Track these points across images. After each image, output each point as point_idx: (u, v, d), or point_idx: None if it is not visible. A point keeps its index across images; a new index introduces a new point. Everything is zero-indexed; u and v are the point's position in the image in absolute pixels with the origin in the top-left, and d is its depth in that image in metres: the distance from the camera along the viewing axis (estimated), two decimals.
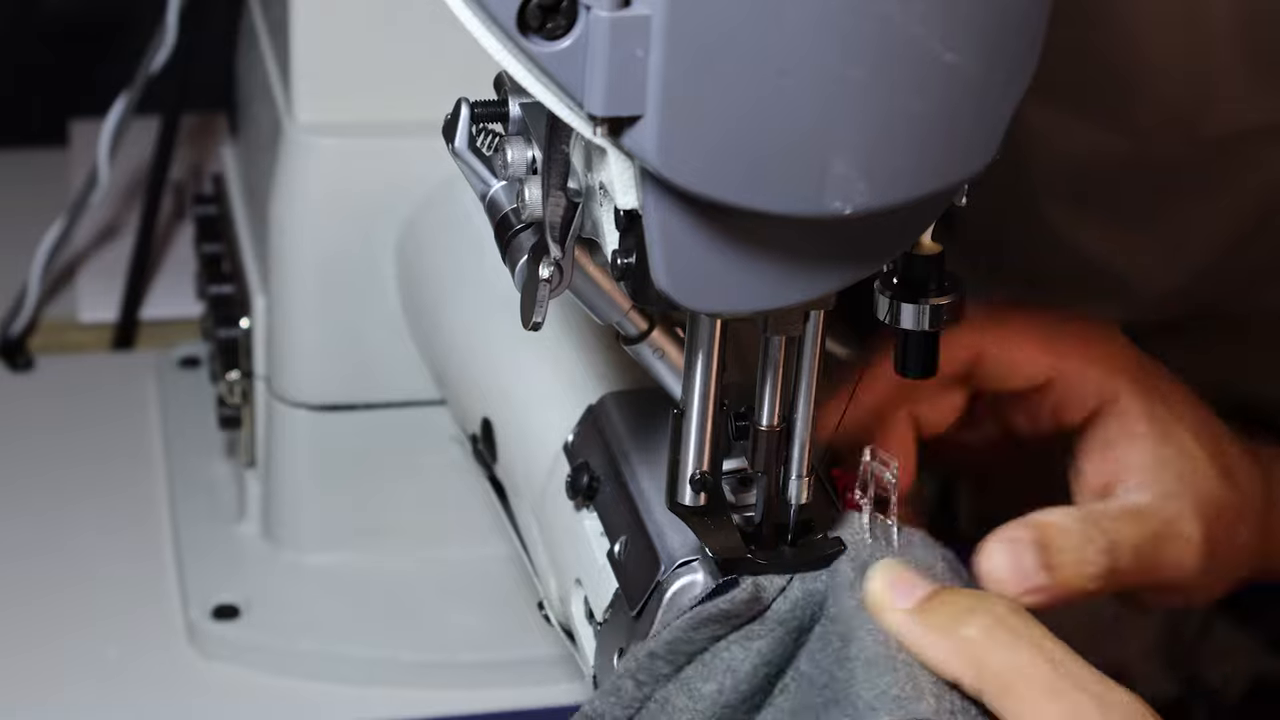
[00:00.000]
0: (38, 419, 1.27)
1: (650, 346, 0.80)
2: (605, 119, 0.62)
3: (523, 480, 0.91)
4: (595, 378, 0.88)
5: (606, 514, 0.83)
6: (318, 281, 1.06)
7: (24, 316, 1.32)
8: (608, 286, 0.76)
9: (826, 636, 0.76)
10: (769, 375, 0.75)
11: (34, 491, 1.20)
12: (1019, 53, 0.66)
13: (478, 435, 0.95)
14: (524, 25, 0.61)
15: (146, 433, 1.26)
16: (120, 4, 1.62)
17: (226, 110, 1.27)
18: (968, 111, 0.65)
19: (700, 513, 0.75)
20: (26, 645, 1.10)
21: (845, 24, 0.61)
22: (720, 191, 0.63)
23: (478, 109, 0.74)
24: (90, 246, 1.40)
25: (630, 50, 0.61)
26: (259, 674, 1.09)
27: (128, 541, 1.17)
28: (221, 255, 1.21)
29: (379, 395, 1.09)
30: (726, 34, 0.61)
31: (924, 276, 0.75)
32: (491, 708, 1.07)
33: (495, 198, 0.76)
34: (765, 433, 0.75)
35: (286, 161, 1.05)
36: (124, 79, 1.28)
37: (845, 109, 0.63)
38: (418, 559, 1.13)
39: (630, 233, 0.68)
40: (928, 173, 0.66)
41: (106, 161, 1.28)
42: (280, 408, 1.10)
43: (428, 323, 1.04)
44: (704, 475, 0.74)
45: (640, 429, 0.84)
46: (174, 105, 1.30)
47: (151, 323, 1.35)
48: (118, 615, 1.12)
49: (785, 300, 0.68)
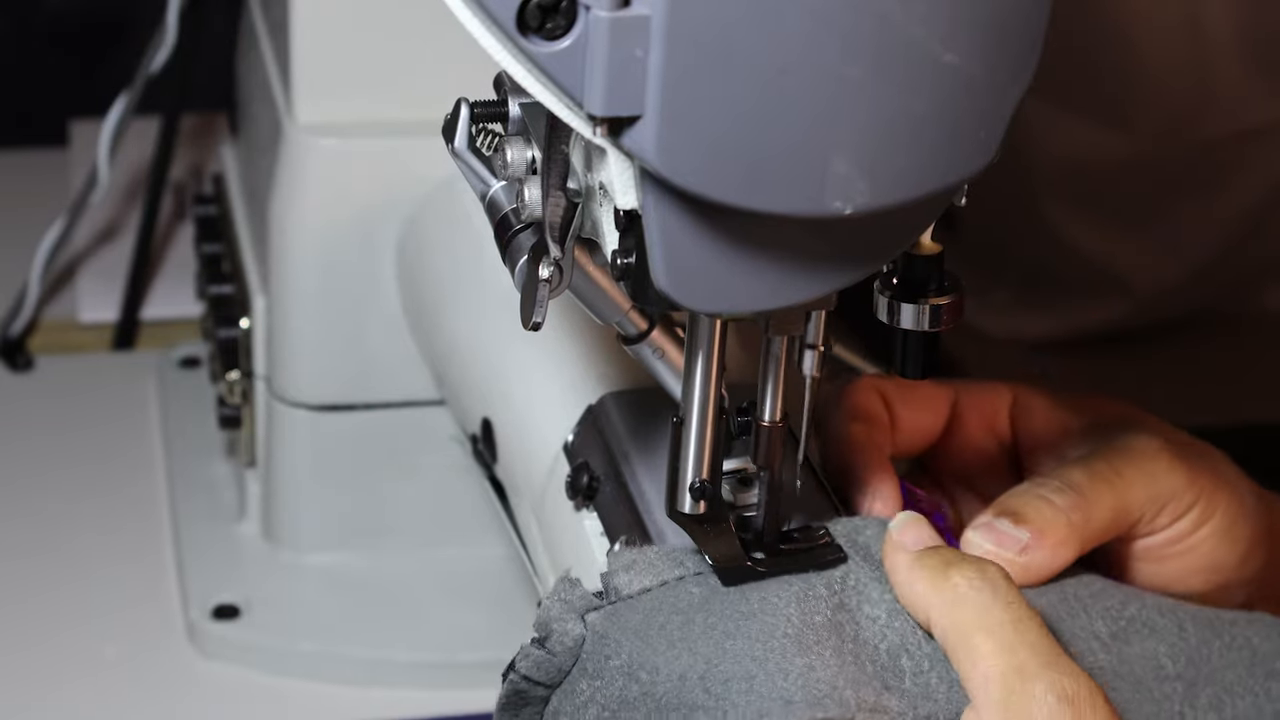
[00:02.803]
0: (38, 419, 1.27)
1: (650, 346, 0.80)
2: (605, 119, 0.62)
3: (523, 480, 0.91)
4: (595, 378, 0.88)
5: (606, 514, 0.83)
6: (318, 281, 1.06)
7: (24, 316, 1.32)
8: (608, 286, 0.76)
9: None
10: (771, 372, 0.75)
11: (34, 491, 1.20)
12: (1019, 53, 0.66)
13: (478, 435, 0.95)
14: (523, 25, 0.61)
15: (146, 433, 1.26)
16: (120, 4, 1.62)
17: (226, 110, 1.27)
18: (968, 112, 0.65)
19: (700, 520, 0.76)
20: (26, 645, 1.10)
21: (845, 24, 0.61)
22: (720, 191, 0.63)
23: (478, 109, 0.74)
24: (90, 246, 1.40)
25: (630, 50, 0.61)
26: (259, 674, 1.09)
27: (128, 541, 1.17)
28: (221, 255, 1.21)
29: (379, 395, 1.09)
30: (726, 34, 0.61)
31: (924, 276, 0.75)
32: (491, 708, 1.07)
33: (495, 198, 0.76)
34: (768, 428, 0.75)
35: (286, 161, 1.05)
36: (124, 79, 1.28)
37: (845, 109, 0.63)
38: (418, 559, 1.13)
39: (630, 233, 0.68)
40: (928, 173, 0.66)
41: (106, 161, 1.28)
42: (280, 408, 1.10)
43: (428, 323, 1.04)
44: (704, 483, 0.74)
45: (640, 429, 0.84)
46: (174, 105, 1.30)
47: (151, 323, 1.35)
48: (117, 615, 1.12)
49: (785, 300, 0.68)
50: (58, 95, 1.61)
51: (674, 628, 0.75)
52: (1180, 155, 1.23)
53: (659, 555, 0.78)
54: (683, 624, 0.75)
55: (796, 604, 0.75)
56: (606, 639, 0.76)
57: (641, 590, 0.77)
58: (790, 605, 0.75)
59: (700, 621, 0.75)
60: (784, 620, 0.74)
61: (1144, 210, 1.27)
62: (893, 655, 0.75)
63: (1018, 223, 1.29)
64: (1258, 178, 1.25)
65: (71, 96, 1.54)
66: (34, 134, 1.54)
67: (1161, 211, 1.26)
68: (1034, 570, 0.79)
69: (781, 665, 0.73)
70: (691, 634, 0.75)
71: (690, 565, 0.77)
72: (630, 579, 0.77)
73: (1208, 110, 1.21)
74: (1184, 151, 1.23)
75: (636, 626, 0.76)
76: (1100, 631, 0.78)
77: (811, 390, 0.76)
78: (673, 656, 0.74)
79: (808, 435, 0.78)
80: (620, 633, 0.76)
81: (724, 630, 0.75)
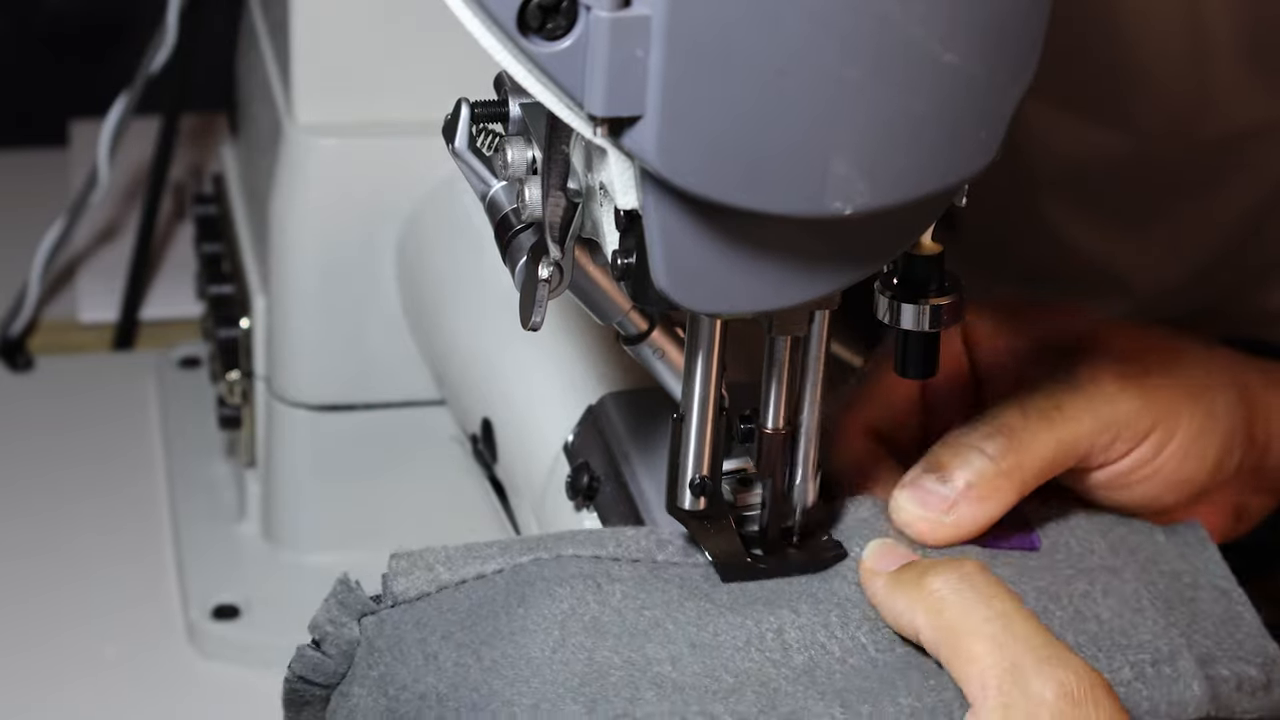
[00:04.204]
0: (38, 419, 1.27)
1: (650, 347, 0.80)
2: (605, 119, 0.62)
3: (523, 480, 0.91)
4: (595, 378, 0.88)
5: (606, 514, 0.83)
6: (318, 281, 1.06)
7: (24, 316, 1.33)
8: (608, 287, 0.76)
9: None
10: (774, 377, 0.75)
11: (34, 491, 1.21)
12: (1019, 53, 0.66)
13: (478, 435, 0.95)
14: (524, 25, 0.61)
15: (146, 433, 1.26)
16: (120, 4, 1.62)
17: (226, 110, 1.27)
18: (968, 112, 0.65)
19: (700, 516, 0.75)
20: (26, 645, 1.10)
21: (845, 24, 0.61)
22: (720, 192, 0.63)
23: (478, 109, 0.74)
24: (90, 246, 1.40)
25: (630, 50, 0.61)
26: (259, 674, 1.09)
27: (128, 541, 1.17)
28: (221, 255, 1.21)
29: (379, 395, 1.09)
30: (726, 34, 0.61)
31: (924, 277, 0.75)
32: None
33: (495, 198, 0.76)
34: (770, 435, 0.75)
35: (286, 161, 1.05)
36: (124, 79, 1.28)
37: (845, 109, 0.63)
38: None
39: (630, 233, 0.68)
40: (928, 173, 0.66)
41: (106, 161, 1.28)
42: (280, 408, 1.10)
43: (428, 323, 1.04)
44: (704, 479, 0.74)
45: (640, 429, 0.84)
46: (174, 105, 1.30)
47: (151, 323, 1.35)
48: (117, 615, 1.12)
49: (785, 300, 0.68)
50: (58, 95, 1.61)
51: (434, 642, 0.74)
52: (1180, 155, 1.23)
53: (440, 557, 0.76)
54: (441, 639, 0.74)
55: (559, 626, 0.73)
56: (373, 646, 0.75)
57: (420, 595, 0.76)
58: (553, 628, 0.73)
59: (458, 638, 0.74)
60: (537, 643, 0.73)
61: (1144, 210, 1.26)
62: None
63: (1018, 223, 1.28)
64: (1258, 178, 1.25)
65: (71, 96, 1.54)
66: (34, 134, 1.54)
67: (1161, 211, 1.26)
68: (964, 527, 0.78)
69: (520, 694, 0.71)
70: (445, 651, 0.74)
71: (473, 568, 0.76)
72: (407, 584, 0.76)
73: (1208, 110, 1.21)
74: (1184, 151, 1.23)
75: (400, 636, 0.75)
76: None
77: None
78: (421, 674, 0.74)
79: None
80: (384, 641, 0.75)
81: (474, 652, 0.73)
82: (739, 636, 0.74)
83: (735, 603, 0.75)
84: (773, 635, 0.74)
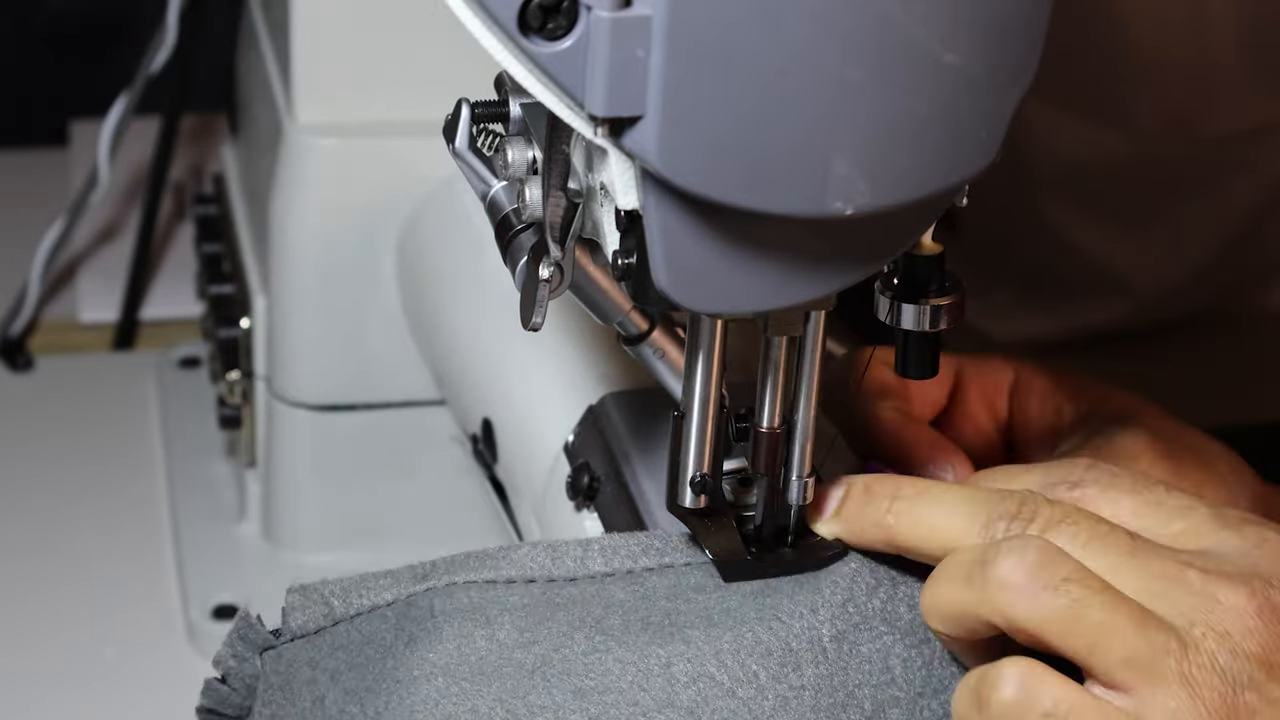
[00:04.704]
0: (38, 419, 1.27)
1: (651, 347, 0.80)
2: (606, 119, 0.62)
3: (523, 480, 0.91)
4: (595, 378, 0.88)
5: (607, 515, 0.83)
6: (318, 281, 1.06)
7: (24, 316, 1.32)
8: (608, 287, 0.76)
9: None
10: (770, 376, 0.75)
11: (34, 491, 1.20)
12: (1020, 53, 0.66)
13: (478, 435, 0.95)
14: (525, 26, 0.61)
15: (146, 433, 1.26)
16: (120, 4, 1.62)
17: (226, 110, 1.27)
18: (969, 112, 0.65)
19: (700, 514, 0.76)
20: (26, 645, 1.10)
21: (845, 24, 0.61)
22: (720, 192, 0.63)
23: (478, 109, 0.74)
24: (90, 246, 1.40)
25: (631, 50, 0.61)
26: None
27: (128, 541, 1.17)
28: (221, 255, 1.21)
29: (379, 395, 1.09)
30: (727, 34, 0.61)
31: (925, 277, 0.75)
32: None
33: (496, 198, 0.76)
34: (766, 434, 0.75)
35: (286, 161, 1.05)
36: (124, 79, 1.28)
37: (845, 109, 0.63)
38: (418, 559, 1.12)
39: (631, 233, 0.68)
40: (929, 173, 0.66)
41: (106, 161, 1.28)
42: (280, 408, 1.10)
43: (428, 323, 1.04)
44: (704, 477, 0.74)
45: (641, 429, 0.84)
46: (174, 105, 1.30)
47: (151, 323, 1.35)
48: (117, 615, 1.12)
49: (786, 300, 0.68)
50: (58, 95, 1.61)
51: (323, 683, 0.74)
52: (1180, 155, 1.23)
53: (335, 590, 0.76)
54: (330, 680, 0.74)
55: (443, 673, 0.73)
56: (269, 683, 0.75)
57: (318, 629, 0.75)
58: (436, 675, 0.73)
59: (345, 682, 0.74)
60: (420, 694, 0.72)
61: (1144, 210, 1.27)
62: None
63: (1018, 223, 1.29)
64: (1258, 178, 1.25)
65: (71, 96, 1.54)
66: (34, 134, 1.54)
67: (1162, 211, 1.26)
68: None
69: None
70: (331, 695, 0.74)
71: (366, 599, 0.76)
72: (304, 618, 0.76)
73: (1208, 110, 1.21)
74: (1184, 151, 1.23)
75: (292, 675, 0.75)
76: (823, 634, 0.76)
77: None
78: (304, 716, 0.74)
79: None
80: (279, 679, 0.75)
81: (359, 700, 0.73)
82: (625, 676, 0.73)
83: (627, 632, 0.74)
84: (659, 669, 0.73)
